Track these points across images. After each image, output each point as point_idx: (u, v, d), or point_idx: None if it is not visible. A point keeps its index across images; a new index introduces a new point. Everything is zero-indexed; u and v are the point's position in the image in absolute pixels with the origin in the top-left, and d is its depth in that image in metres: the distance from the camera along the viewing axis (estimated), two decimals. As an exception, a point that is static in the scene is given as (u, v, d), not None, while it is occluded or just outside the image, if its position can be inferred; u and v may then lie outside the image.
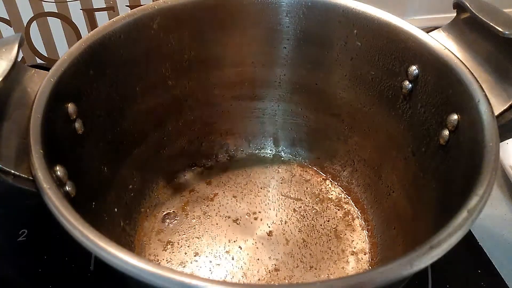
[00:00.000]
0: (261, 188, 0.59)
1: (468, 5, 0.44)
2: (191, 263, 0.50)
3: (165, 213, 0.55)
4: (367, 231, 0.54)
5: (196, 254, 0.51)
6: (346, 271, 0.50)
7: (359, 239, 0.53)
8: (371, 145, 0.55)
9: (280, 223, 0.55)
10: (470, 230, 0.45)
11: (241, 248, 0.52)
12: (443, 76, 0.43)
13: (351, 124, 0.56)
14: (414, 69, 0.46)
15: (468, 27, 0.45)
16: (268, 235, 0.53)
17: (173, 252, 0.51)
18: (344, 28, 0.51)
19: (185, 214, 0.55)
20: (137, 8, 0.48)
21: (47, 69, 0.40)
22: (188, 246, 0.52)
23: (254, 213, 0.56)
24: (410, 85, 0.47)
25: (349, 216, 0.56)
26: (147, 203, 0.56)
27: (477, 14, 0.43)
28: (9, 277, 0.49)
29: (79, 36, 0.71)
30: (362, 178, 0.57)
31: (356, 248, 0.52)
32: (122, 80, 0.48)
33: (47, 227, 0.51)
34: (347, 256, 0.52)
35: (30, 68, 0.41)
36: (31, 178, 0.34)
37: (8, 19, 0.67)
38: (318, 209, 0.57)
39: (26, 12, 0.67)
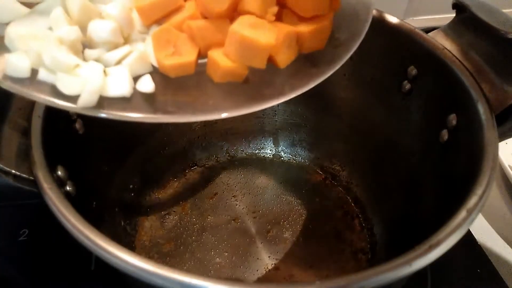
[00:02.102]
0: (261, 188, 0.59)
1: (467, 5, 0.44)
2: (191, 262, 0.51)
3: (165, 212, 0.56)
4: (367, 230, 0.54)
5: (196, 253, 0.51)
6: (345, 270, 0.50)
7: (358, 239, 0.53)
8: (371, 145, 0.55)
9: (279, 223, 0.55)
10: (469, 230, 0.45)
11: (240, 248, 0.52)
12: (442, 76, 0.43)
13: (350, 124, 0.56)
14: (413, 69, 0.46)
15: (467, 27, 0.45)
16: (267, 235, 0.53)
17: (173, 252, 0.51)
18: (343, 28, 0.51)
19: (185, 214, 0.56)
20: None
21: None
22: (188, 246, 0.52)
23: (254, 212, 0.56)
24: (409, 85, 0.47)
25: (349, 216, 0.56)
26: (148, 203, 0.56)
27: (476, 14, 0.43)
28: (9, 277, 0.50)
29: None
30: (361, 178, 0.57)
31: (356, 247, 0.53)
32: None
33: (48, 226, 0.51)
34: (347, 256, 0.52)
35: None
36: (32, 178, 0.34)
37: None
38: (317, 209, 0.57)
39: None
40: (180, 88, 0.32)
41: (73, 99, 0.30)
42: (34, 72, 0.30)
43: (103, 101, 0.30)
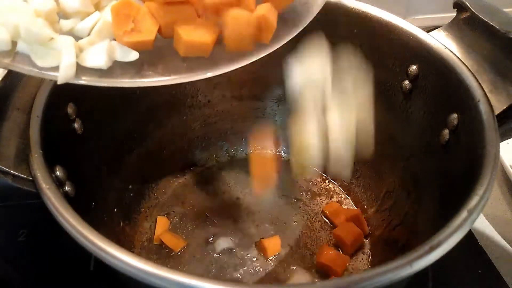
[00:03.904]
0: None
1: (468, 5, 0.44)
2: (190, 263, 0.50)
3: (165, 213, 0.55)
4: (368, 231, 0.54)
5: (196, 254, 0.51)
6: (346, 271, 0.50)
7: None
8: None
9: (280, 223, 0.55)
10: (470, 230, 0.45)
11: (240, 248, 0.52)
12: (443, 76, 0.43)
13: (351, 124, 0.56)
14: (414, 68, 0.46)
15: (468, 26, 0.45)
16: (267, 235, 0.53)
17: (172, 253, 0.51)
18: (344, 27, 0.51)
19: (185, 214, 0.55)
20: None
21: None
22: (188, 246, 0.52)
23: (254, 212, 0.56)
24: (410, 85, 0.47)
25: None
26: (147, 204, 0.56)
27: (477, 13, 0.43)
28: (9, 277, 0.49)
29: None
30: (362, 178, 0.57)
31: (356, 248, 0.52)
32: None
33: (47, 227, 0.51)
34: (348, 256, 0.51)
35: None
36: (30, 178, 0.34)
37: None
38: (318, 209, 0.57)
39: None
40: (154, 53, 0.33)
41: (52, 70, 0.31)
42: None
43: (81, 70, 0.31)
